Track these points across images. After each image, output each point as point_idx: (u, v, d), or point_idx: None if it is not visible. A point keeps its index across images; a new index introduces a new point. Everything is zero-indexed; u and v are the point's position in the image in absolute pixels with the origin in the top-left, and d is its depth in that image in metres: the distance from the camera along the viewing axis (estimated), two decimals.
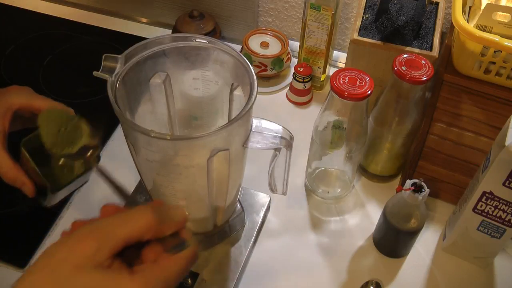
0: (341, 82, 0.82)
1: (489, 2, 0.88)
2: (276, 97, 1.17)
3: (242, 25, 1.27)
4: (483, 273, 0.90)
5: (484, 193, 0.79)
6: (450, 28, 1.03)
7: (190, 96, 0.83)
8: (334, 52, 1.21)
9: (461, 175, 0.93)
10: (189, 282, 0.84)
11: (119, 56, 0.71)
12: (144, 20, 1.36)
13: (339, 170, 0.99)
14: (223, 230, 0.88)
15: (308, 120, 0.97)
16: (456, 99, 0.92)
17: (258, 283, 0.88)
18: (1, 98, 0.76)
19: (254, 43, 1.17)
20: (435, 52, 0.96)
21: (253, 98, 0.68)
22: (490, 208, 0.80)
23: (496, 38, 0.81)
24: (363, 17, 1.02)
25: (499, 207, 0.79)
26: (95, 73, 0.70)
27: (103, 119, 1.08)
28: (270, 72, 1.15)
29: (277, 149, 0.77)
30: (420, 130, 0.94)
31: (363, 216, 0.96)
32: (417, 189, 0.80)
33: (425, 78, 0.84)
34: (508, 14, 0.87)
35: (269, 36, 1.19)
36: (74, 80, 1.22)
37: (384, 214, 0.86)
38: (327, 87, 1.18)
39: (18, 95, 0.77)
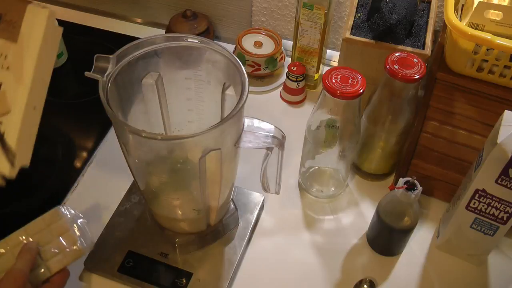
0: (333, 81, 0.82)
1: (481, 0, 0.88)
2: (270, 96, 1.17)
3: (236, 25, 1.27)
4: (477, 270, 0.90)
5: (477, 190, 0.79)
6: (442, 27, 1.03)
7: (182, 96, 0.83)
8: (328, 51, 1.21)
9: (454, 173, 0.94)
10: (184, 282, 0.85)
11: (111, 56, 0.71)
12: (138, 20, 1.36)
13: (333, 169, 0.99)
14: (216, 230, 0.89)
15: (302, 119, 0.97)
16: (449, 97, 0.93)
17: (252, 282, 0.88)
18: None
19: (248, 42, 1.17)
20: (428, 50, 0.96)
21: (244, 98, 0.68)
22: (483, 206, 0.80)
23: (488, 36, 0.82)
24: (355, 15, 1.02)
25: (492, 204, 0.79)
26: (86, 73, 0.70)
27: (97, 120, 1.09)
28: (263, 71, 1.15)
29: (269, 149, 0.77)
30: (414, 128, 0.94)
31: (357, 215, 0.97)
32: (410, 187, 0.80)
33: (417, 77, 0.84)
34: (500, 12, 0.87)
35: (262, 35, 1.19)
36: (68, 81, 1.22)
37: (378, 213, 0.86)
38: (321, 86, 1.18)
39: None
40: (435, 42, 1.04)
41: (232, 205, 0.91)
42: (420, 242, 0.93)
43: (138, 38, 0.76)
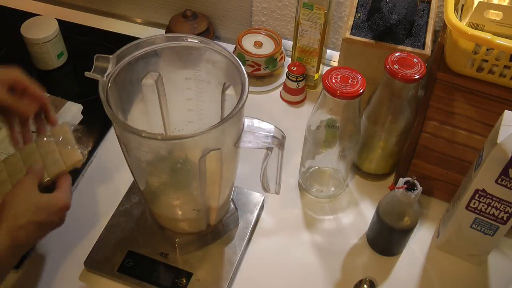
0: (333, 81, 0.82)
1: (481, 0, 0.88)
2: (269, 96, 1.17)
3: (236, 25, 1.27)
4: (477, 270, 0.90)
5: (477, 190, 0.79)
6: (442, 27, 1.03)
7: (182, 96, 0.83)
8: (328, 51, 1.21)
9: (454, 173, 0.94)
10: (183, 281, 0.85)
11: (111, 56, 0.71)
12: (138, 20, 1.36)
13: (333, 169, 0.99)
14: (216, 230, 0.88)
15: (302, 119, 0.97)
16: (449, 97, 0.93)
17: (252, 282, 0.88)
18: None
19: (248, 42, 1.17)
20: (428, 50, 0.96)
21: (244, 98, 0.68)
22: (483, 206, 0.80)
23: (488, 36, 0.82)
24: (355, 15, 1.02)
25: (492, 204, 0.79)
26: (86, 73, 0.70)
27: (97, 120, 1.09)
28: (263, 71, 1.15)
29: (269, 149, 0.77)
30: (413, 128, 0.94)
31: (357, 215, 0.96)
32: (410, 187, 0.80)
33: (417, 77, 0.84)
34: (500, 12, 0.87)
35: (262, 35, 1.19)
36: (68, 81, 1.22)
37: (378, 213, 0.86)
38: (321, 86, 1.18)
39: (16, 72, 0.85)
40: (435, 42, 1.04)
41: (232, 205, 0.91)
42: (420, 242, 0.93)
43: (138, 38, 0.76)
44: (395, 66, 0.84)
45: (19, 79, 0.84)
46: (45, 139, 0.85)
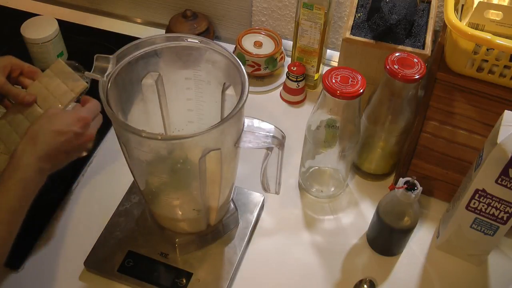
0: (333, 81, 0.82)
1: (481, 0, 0.88)
2: (269, 96, 1.17)
3: (236, 25, 1.27)
4: (477, 270, 0.90)
5: (477, 190, 0.79)
6: (442, 27, 1.03)
7: (182, 96, 0.83)
8: (328, 51, 1.21)
9: (454, 173, 0.94)
10: (184, 281, 0.85)
11: (111, 56, 0.72)
12: (138, 20, 1.36)
13: (333, 169, 0.99)
14: (216, 230, 0.88)
15: (302, 119, 0.97)
16: (449, 97, 0.93)
17: (252, 282, 0.88)
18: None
19: (248, 42, 1.17)
20: (428, 50, 0.96)
21: (244, 98, 0.68)
22: (483, 206, 0.80)
23: (488, 36, 0.82)
24: (355, 15, 1.02)
25: (492, 204, 0.79)
26: (86, 73, 0.70)
27: None
28: (263, 71, 1.15)
29: (269, 149, 0.77)
30: (414, 128, 0.94)
31: (357, 215, 0.96)
32: (410, 187, 0.80)
33: (417, 77, 0.84)
34: (500, 12, 0.87)
35: (262, 35, 1.19)
36: None
37: (378, 213, 0.86)
38: (321, 86, 1.18)
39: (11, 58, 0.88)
40: (435, 42, 1.04)
41: (232, 205, 0.91)
42: (420, 242, 0.93)
43: (138, 38, 0.76)
44: (395, 66, 0.84)
45: (15, 64, 0.87)
46: (46, 78, 0.87)
